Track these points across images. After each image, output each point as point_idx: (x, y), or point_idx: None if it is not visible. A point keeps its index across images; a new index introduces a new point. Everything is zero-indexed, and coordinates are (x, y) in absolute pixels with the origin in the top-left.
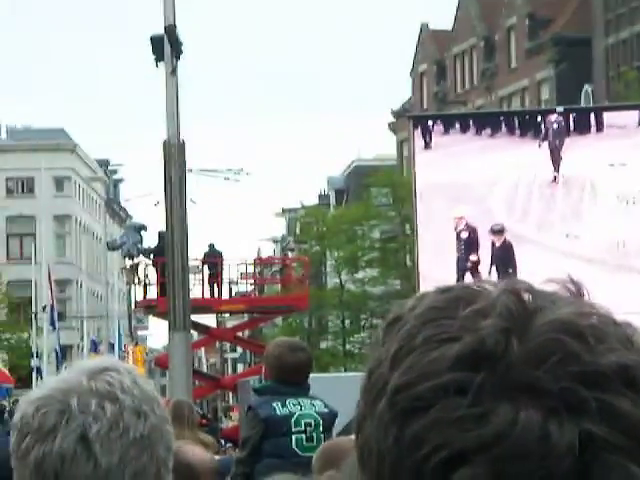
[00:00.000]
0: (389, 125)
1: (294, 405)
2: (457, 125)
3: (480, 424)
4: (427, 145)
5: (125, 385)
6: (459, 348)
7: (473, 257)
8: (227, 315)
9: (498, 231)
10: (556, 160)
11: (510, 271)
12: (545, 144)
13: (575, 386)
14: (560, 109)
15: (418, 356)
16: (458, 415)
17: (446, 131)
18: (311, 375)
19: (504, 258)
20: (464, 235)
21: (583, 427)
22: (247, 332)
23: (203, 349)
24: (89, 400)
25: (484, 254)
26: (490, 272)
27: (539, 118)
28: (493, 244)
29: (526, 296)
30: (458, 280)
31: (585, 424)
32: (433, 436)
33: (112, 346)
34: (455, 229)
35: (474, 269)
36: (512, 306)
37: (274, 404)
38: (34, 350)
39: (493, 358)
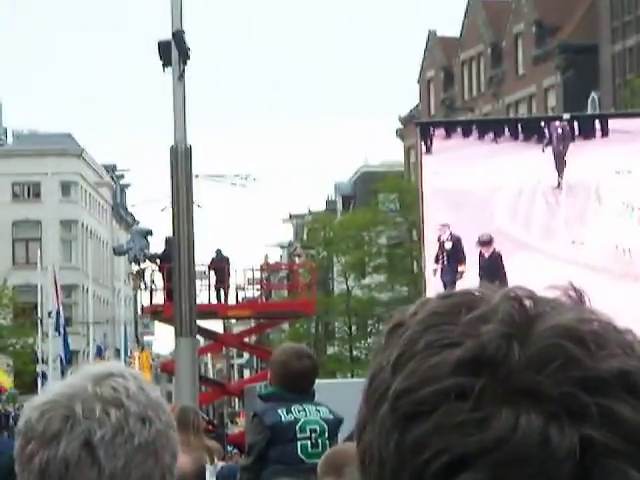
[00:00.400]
0: (396, 131)
1: (299, 411)
2: (461, 130)
3: (481, 429)
4: (429, 150)
5: (130, 391)
6: (460, 353)
7: (461, 268)
8: (234, 321)
9: (486, 242)
10: (560, 166)
11: (499, 283)
12: (549, 149)
13: (576, 391)
14: (567, 116)
15: (420, 361)
16: (459, 420)
17: (449, 136)
18: (317, 381)
19: (493, 269)
20: (448, 245)
21: (583, 432)
22: (254, 338)
23: (209, 355)
24: (94, 406)
25: (471, 264)
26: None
27: (542, 123)
28: (481, 255)
29: (527, 302)
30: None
31: (585, 429)
32: (434, 441)
33: (118, 352)
34: (438, 238)
35: (459, 280)
36: (513, 312)
37: (279, 411)
38: (39, 355)
39: (494, 363)
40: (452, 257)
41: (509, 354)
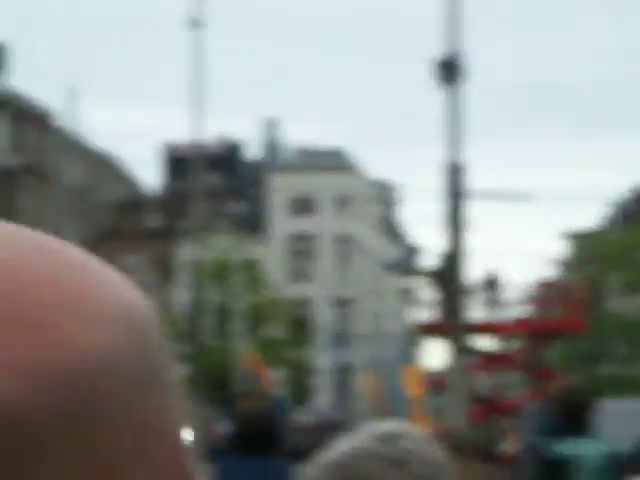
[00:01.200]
0: None
1: (577, 446)
2: None
3: None
4: None
5: (414, 451)
6: None
7: None
8: (506, 338)
9: None
10: None
11: None
12: None
13: None
14: None
15: None
16: None
17: None
18: (601, 401)
19: None
20: None
21: None
22: (525, 356)
23: (480, 371)
24: (377, 465)
25: None
26: None
27: None
28: None
29: None
30: None
31: None
32: None
33: (388, 366)
34: None
35: None
36: None
37: (557, 444)
38: (313, 368)
39: None
40: None
41: None
